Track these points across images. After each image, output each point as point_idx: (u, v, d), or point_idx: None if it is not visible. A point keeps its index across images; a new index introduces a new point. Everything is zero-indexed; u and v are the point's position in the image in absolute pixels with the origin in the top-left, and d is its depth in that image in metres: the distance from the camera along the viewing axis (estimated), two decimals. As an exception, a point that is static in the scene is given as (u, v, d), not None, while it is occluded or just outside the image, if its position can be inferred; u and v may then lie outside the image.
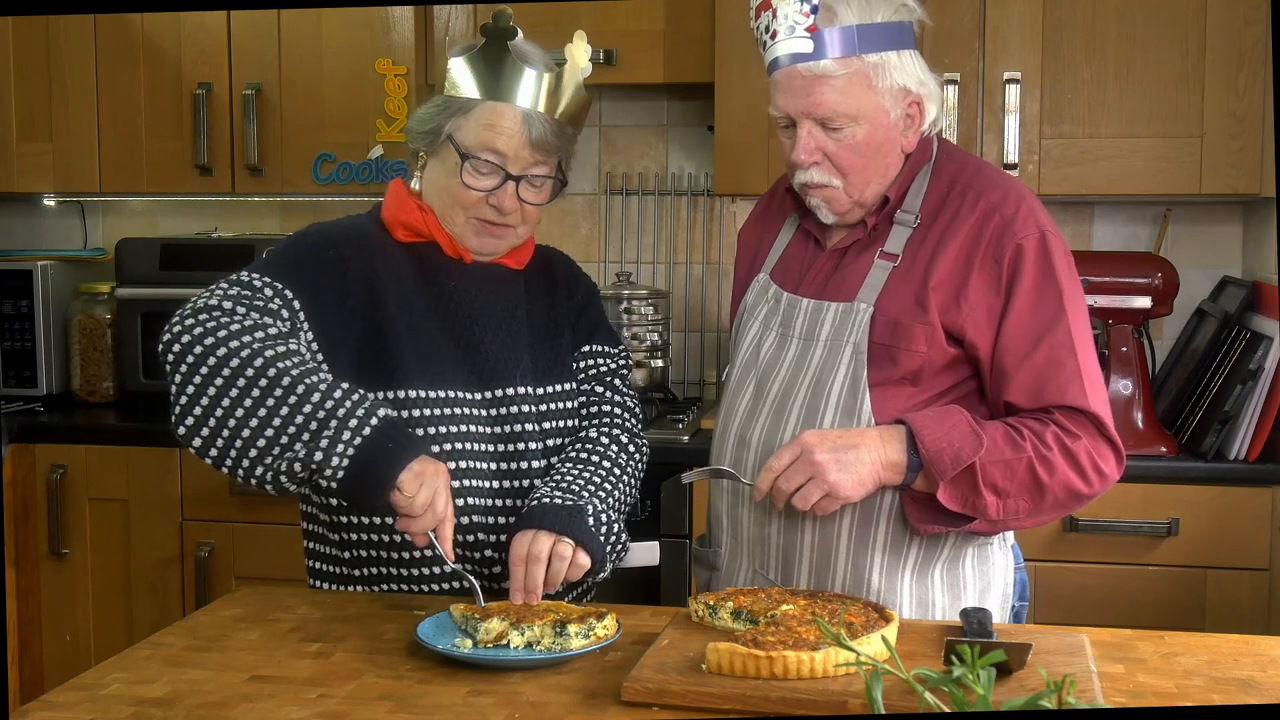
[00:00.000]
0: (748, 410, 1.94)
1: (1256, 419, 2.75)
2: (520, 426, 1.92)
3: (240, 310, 1.75)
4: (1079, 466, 1.79)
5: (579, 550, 1.79)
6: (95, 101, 3.38)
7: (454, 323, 1.92)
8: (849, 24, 1.80)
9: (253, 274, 1.82)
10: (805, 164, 1.86)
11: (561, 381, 2.01)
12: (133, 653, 1.66)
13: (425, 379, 1.87)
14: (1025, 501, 1.79)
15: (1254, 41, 2.87)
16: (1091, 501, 1.86)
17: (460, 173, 1.87)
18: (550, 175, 1.93)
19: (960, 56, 2.99)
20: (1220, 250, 3.27)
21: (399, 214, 1.94)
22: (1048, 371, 1.80)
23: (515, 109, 1.87)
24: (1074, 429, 1.79)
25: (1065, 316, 1.82)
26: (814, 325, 1.90)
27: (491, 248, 1.95)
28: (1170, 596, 2.76)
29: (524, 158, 1.88)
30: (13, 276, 3.44)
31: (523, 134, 1.86)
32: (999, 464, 1.76)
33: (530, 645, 1.62)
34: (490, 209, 1.89)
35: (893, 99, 1.84)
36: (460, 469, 1.86)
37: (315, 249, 1.90)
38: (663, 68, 3.11)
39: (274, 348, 1.71)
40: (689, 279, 3.53)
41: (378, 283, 1.88)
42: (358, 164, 3.28)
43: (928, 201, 1.89)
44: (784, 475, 1.75)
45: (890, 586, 1.85)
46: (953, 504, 1.77)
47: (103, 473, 3.18)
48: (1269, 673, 1.57)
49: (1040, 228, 1.84)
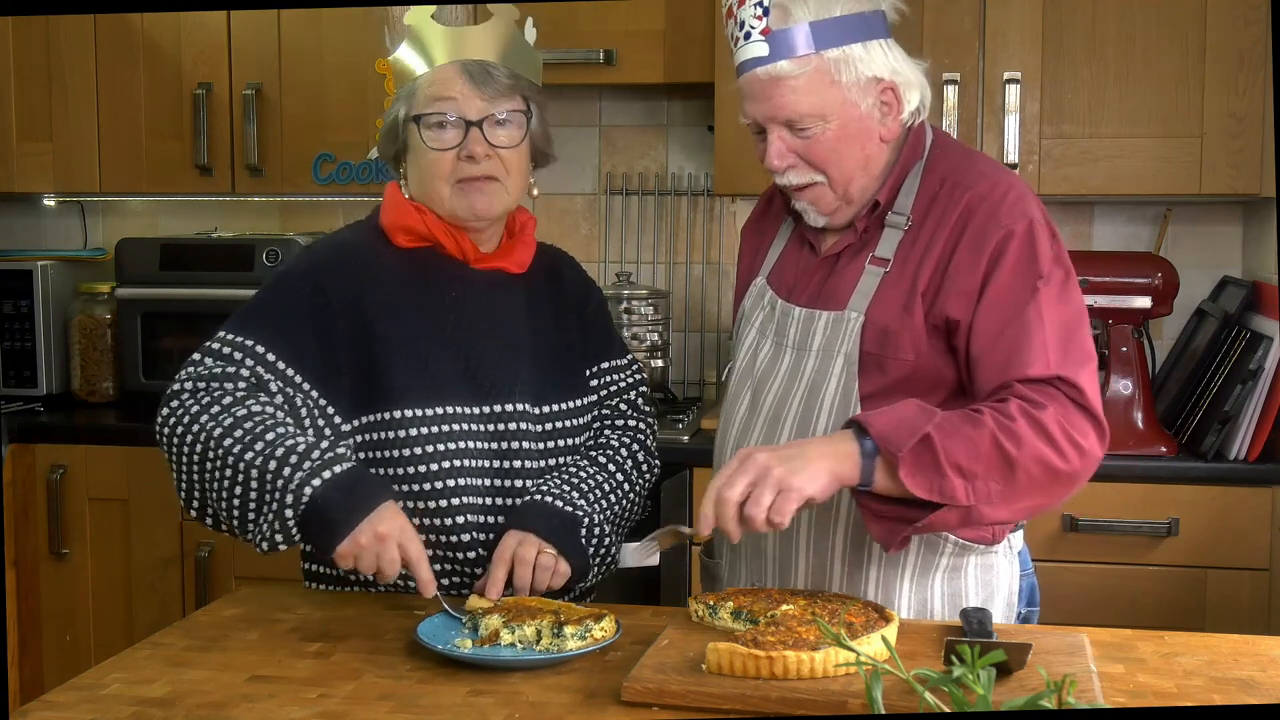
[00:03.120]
0: (744, 422, 1.92)
1: (1256, 419, 2.75)
2: (518, 444, 1.90)
3: (200, 388, 1.80)
4: (1049, 438, 1.65)
5: (561, 560, 1.81)
6: (95, 101, 3.38)
7: (453, 335, 1.91)
8: (803, 22, 1.76)
9: (224, 334, 1.86)
10: (779, 168, 1.83)
11: (567, 399, 1.98)
12: (133, 653, 1.66)
13: (420, 397, 1.86)
14: (996, 482, 1.64)
15: (1254, 41, 2.87)
16: (1079, 485, 1.72)
17: (423, 141, 1.87)
18: (516, 110, 1.89)
19: (960, 56, 2.98)
20: (1220, 250, 3.27)
21: (398, 219, 1.93)
22: (1014, 348, 1.72)
23: (450, 64, 1.87)
24: (1040, 399, 1.68)
25: (1038, 296, 1.73)
26: (806, 335, 1.87)
27: (484, 206, 1.90)
28: (1170, 596, 2.76)
29: (477, 102, 1.86)
30: (13, 276, 3.43)
31: (464, 81, 1.86)
32: (960, 440, 1.63)
33: (521, 644, 1.62)
34: (465, 163, 1.87)
35: (860, 91, 1.80)
36: (456, 486, 1.85)
37: (288, 291, 1.90)
38: (663, 68, 3.11)
39: (225, 422, 1.75)
40: (689, 279, 3.53)
41: (367, 304, 1.87)
42: (358, 164, 3.28)
43: (919, 201, 1.84)
44: (727, 483, 1.62)
45: (887, 600, 1.82)
46: (917, 486, 1.62)
47: (103, 473, 3.18)
48: (1269, 673, 1.57)
49: (1028, 217, 1.78)
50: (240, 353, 1.83)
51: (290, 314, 1.86)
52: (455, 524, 1.85)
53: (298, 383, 1.83)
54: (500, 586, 1.78)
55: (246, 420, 1.74)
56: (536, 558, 1.79)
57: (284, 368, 1.83)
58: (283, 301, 1.89)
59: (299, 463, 1.70)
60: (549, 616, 1.64)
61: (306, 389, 1.83)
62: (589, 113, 3.51)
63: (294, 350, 1.84)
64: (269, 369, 1.82)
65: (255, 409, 1.76)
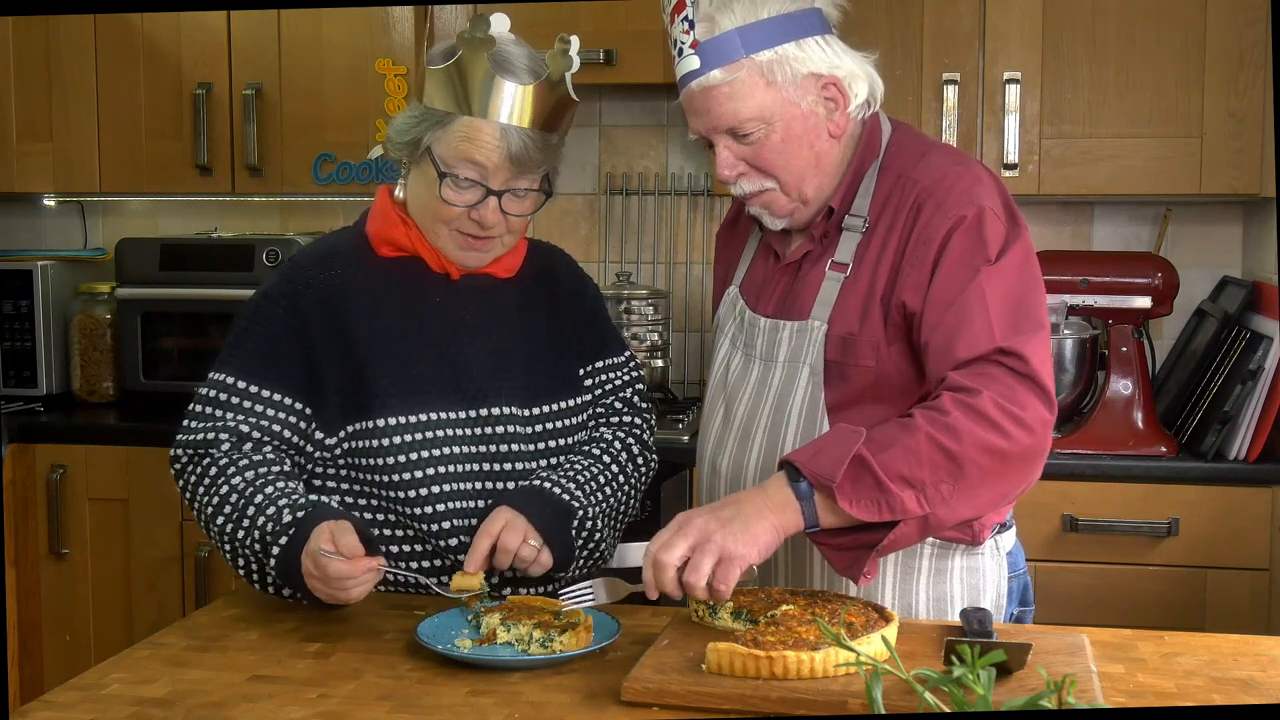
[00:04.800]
0: (718, 435, 1.92)
1: (1256, 419, 2.75)
2: (507, 446, 1.89)
3: (190, 455, 1.85)
4: (989, 422, 1.59)
5: (544, 551, 1.81)
6: (95, 101, 3.38)
7: (438, 340, 1.90)
8: (730, 29, 1.74)
9: (211, 375, 1.88)
10: (730, 178, 1.81)
11: (561, 399, 1.97)
12: (133, 653, 1.66)
13: (403, 404, 1.86)
14: (946, 483, 1.59)
15: (1254, 41, 2.87)
16: (1039, 459, 1.66)
17: (440, 189, 1.82)
18: (533, 189, 1.87)
19: (960, 56, 2.99)
20: (1220, 250, 3.27)
21: (383, 230, 1.91)
22: (954, 331, 1.67)
23: (493, 124, 1.79)
24: (974, 384, 1.62)
25: (979, 277, 1.68)
26: (772, 346, 1.85)
27: (475, 260, 1.90)
28: (1170, 596, 2.76)
29: (505, 172, 1.82)
30: (13, 276, 3.44)
31: (502, 149, 1.80)
32: (896, 451, 1.58)
33: (518, 643, 1.62)
34: (472, 223, 1.85)
35: (799, 89, 1.76)
36: (442, 492, 1.85)
37: (266, 317, 1.89)
38: (663, 68, 3.11)
39: (213, 501, 1.80)
40: (689, 279, 3.53)
41: (349, 317, 1.87)
42: (358, 164, 3.28)
43: (875, 201, 1.80)
44: (664, 547, 1.58)
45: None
46: (862, 511, 1.58)
47: (103, 473, 3.18)
48: (1269, 673, 1.57)
49: (977, 205, 1.72)
50: (225, 393, 1.86)
51: (269, 341, 1.87)
52: (442, 529, 1.85)
53: (289, 405, 1.85)
54: (480, 559, 1.77)
55: (231, 495, 1.79)
56: (521, 543, 1.78)
57: (270, 395, 1.85)
58: (261, 330, 1.88)
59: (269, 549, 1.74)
60: (546, 616, 1.64)
61: (299, 408, 1.85)
62: (589, 113, 3.51)
63: (280, 377, 1.85)
64: (255, 401, 1.84)
65: (236, 481, 1.80)
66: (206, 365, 1.90)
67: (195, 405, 1.88)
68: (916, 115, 2.99)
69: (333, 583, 1.66)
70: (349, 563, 1.65)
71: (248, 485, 1.78)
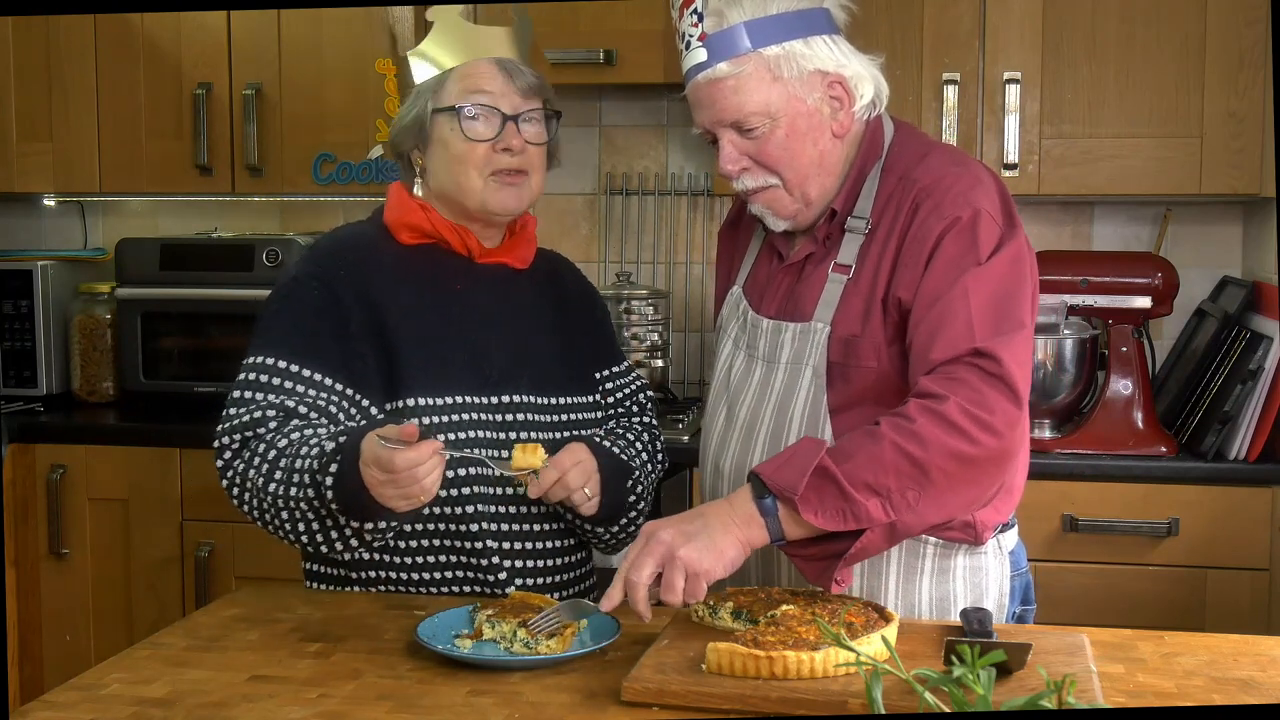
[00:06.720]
0: (720, 436, 1.92)
1: (1256, 419, 2.75)
2: (527, 434, 1.91)
3: (236, 440, 1.81)
4: (955, 428, 1.60)
5: (593, 502, 1.84)
6: (95, 101, 3.38)
7: (460, 327, 1.92)
8: (738, 22, 1.75)
9: (250, 359, 1.86)
10: (733, 173, 1.81)
11: (578, 394, 2.00)
12: (133, 653, 1.66)
13: (430, 386, 1.87)
14: (912, 489, 1.60)
15: (1254, 41, 2.87)
16: (1007, 461, 1.68)
17: (460, 127, 1.87)
18: (543, 109, 1.93)
19: (960, 56, 2.99)
20: (1220, 250, 3.27)
21: (402, 216, 1.94)
22: (932, 333, 1.68)
23: (487, 60, 1.89)
24: (941, 390, 1.63)
25: (964, 278, 1.68)
26: (775, 347, 1.85)
27: (515, 200, 1.92)
28: (1170, 596, 2.76)
29: (513, 98, 1.89)
30: (13, 276, 3.44)
31: (503, 77, 1.89)
32: (861, 459, 1.60)
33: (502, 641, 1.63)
34: (502, 155, 1.89)
35: (805, 86, 1.77)
36: (468, 475, 1.86)
37: (300, 296, 1.89)
38: (663, 68, 3.11)
39: (264, 470, 1.76)
40: (689, 279, 3.53)
41: (377, 297, 1.88)
42: (358, 164, 3.28)
43: (877, 203, 1.80)
44: (634, 565, 1.60)
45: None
46: (827, 521, 1.60)
47: (103, 473, 3.18)
48: (1269, 673, 1.57)
49: (973, 206, 1.72)
50: (266, 374, 1.84)
51: (306, 319, 1.87)
52: (465, 513, 1.85)
53: (329, 385, 1.84)
54: (546, 487, 1.79)
55: (280, 459, 1.76)
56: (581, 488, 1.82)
57: (310, 374, 1.84)
58: (297, 309, 1.89)
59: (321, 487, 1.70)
60: (532, 615, 1.64)
61: (339, 389, 1.85)
62: (589, 113, 3.51)
63: (318, 355, 1.85)
64: (297, 381, 1.83)
65: (282, 444, 1.77)
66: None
67: (235, 392, 1.85)
68: (916, 115, 2.99)
69: (402, 477, 1.61)
70: (413, 447, 1.61)
71: (291, 445, 1.76)
